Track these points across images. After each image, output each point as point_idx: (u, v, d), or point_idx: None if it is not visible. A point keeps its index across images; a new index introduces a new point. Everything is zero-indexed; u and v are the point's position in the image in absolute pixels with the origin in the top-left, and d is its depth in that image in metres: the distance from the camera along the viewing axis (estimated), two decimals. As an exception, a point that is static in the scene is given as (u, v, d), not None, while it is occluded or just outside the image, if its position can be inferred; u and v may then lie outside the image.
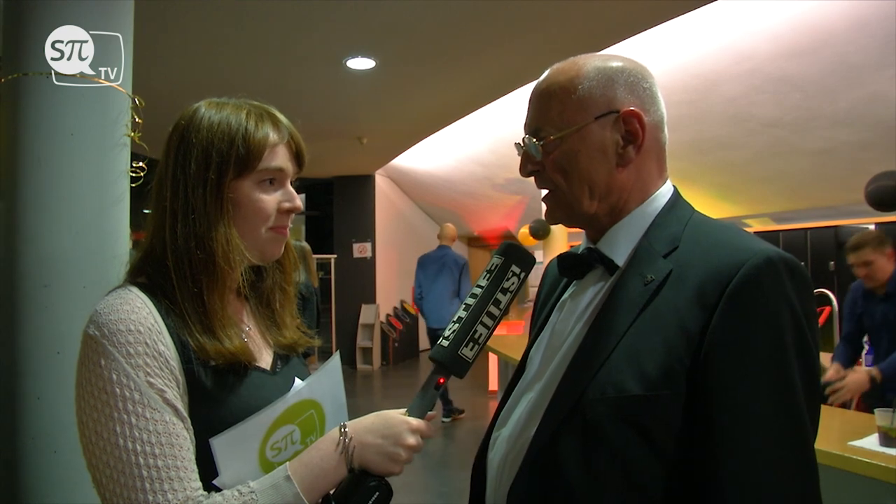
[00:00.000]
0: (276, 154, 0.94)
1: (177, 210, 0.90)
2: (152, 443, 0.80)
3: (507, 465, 0.90)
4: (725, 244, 0.82)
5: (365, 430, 0.89)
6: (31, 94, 1.87)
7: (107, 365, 0.81)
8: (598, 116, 0.88)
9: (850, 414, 2.76)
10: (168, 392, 0.83)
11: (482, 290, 0.93)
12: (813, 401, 0.77)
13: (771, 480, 0.73)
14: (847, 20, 4.25)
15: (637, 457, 0.77)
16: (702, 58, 5.02)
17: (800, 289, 0.78)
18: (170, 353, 0.85)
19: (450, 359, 0.90)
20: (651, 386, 0.77)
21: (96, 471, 0.81)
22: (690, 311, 0.78)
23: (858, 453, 2.10)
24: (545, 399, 0.87)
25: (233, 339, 0.91)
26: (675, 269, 0.83)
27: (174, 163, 0.92)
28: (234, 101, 0.97)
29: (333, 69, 5.01)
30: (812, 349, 0.77)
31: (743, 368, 0.75)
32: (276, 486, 0.83)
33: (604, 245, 0.92)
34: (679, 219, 0.90)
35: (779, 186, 6.45)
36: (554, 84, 0.91)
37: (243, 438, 0.86)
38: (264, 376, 0.96)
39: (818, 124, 5.28)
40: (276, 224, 0.96)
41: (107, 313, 0.84)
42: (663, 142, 0.94)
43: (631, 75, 0.91)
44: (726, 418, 0.74)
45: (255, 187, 0.93)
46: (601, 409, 0.79)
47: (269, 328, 1.04)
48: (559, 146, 0.90)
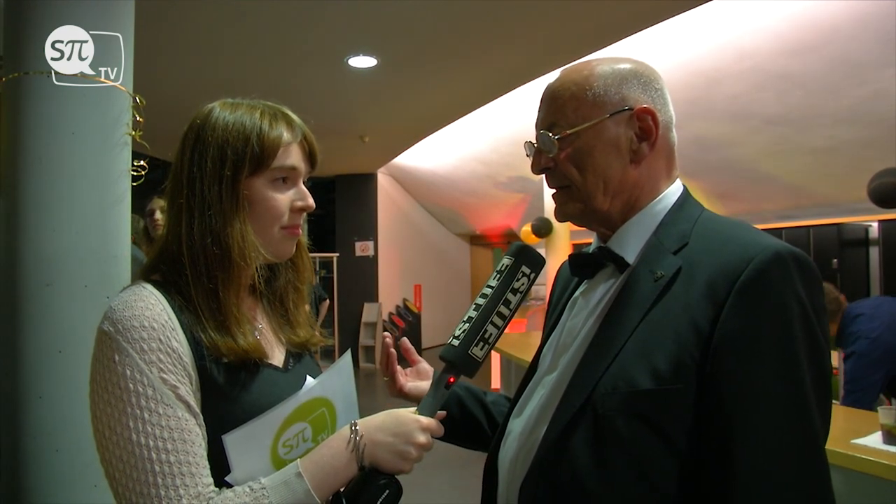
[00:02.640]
0: (290, 153, 0.96)
1: (193, 207, 0.91)
2: (165, 438, 0.81)
3: (518, 460, 0.90)
4: (734, 240, 0.83)
5: (376, 429, 0.90)
6: (32, 93, 1.88)
7: (121, 360, 0.82)
8: (612, 113, 0.90)
9: (854, 412, 2.76)
10: (181, 388, 0.83)
11: (492, 291, 0.94)
12: (823, 393, 0.78)
13: (780, 472, 0.74)
14: (850, 17, 4.23)
15: (648, 451, 0.78)
16: (704, 55, 5.01)
17: (809, 283, 0.78)
18: (183, 350, 0.85)
19: (460, 358, 0.91)
20: (662, 380, 0.78)
21: (109, 465, 0.82)
22: (700, 306, 0.79)
23: (862, 451, 2.10)
24: (557, 395, 0.88)
25: (247, 336, 0.91)
26: (685, 266, 0.83)
27: (190, 161, 0.93)
28: (247, 101, 0.98)
29: (335, 68, 5.01)
30: (821, 343, 0.78)
31: (752, 362, 0.76)
32: (287, 483, 0.83)
33: (614, 243, 0.93)
34: (688, 216, 0.90)
35: (781, 184, 6.43)
36: (569, 82, 0.93)
37: (255, 435, 0.86)
38: (276, 374, 0.96)
39: (821, 122, 5.26)
40: (289, 223, 0.97)
41: (121, 310, 0.85)
42: (673, 142, 0.95)
43: (643, 76, 0.93)
44: (736, 411, 0.75)
45: (268, 185, 0.94)
46: (612, 404, 0.80)
47: (282, 326, 1.05)
48: (574, 141, 0.91)
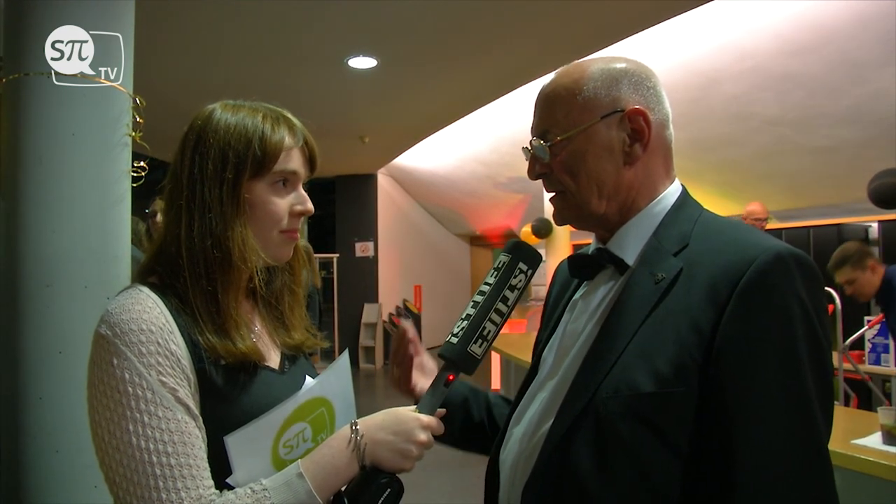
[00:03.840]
0: (291, 157, 0.95)
1: (193, 209, 0.90)
2: (165, 441, 0.80)
3: (520, 464, 0.90)
4: (735, 241, 0.83)
5: (376, 427, 0.89)
6: (32, 94, 1.87)
7: (119, 364, 0.81)
8: (603, 116, 0.89)
9: (854, 412, 2.76)
10: (180, 391, 0.83)
11: (490, 288, 0.93)
12: (825, 394, 0.77)
13: (784, 473, 0.73)
14: (850, 17, 4.23)
15: (650, 454, 0.77)
16: (703, 56, 5.01)
17: (810, 284, 0.78)
18: (181, 353, 0.85)
19: (459, 356, 0.91)
20: (663, 383, 0.77)
21: (109, 470, 0.81)
22: (701, 308, 0.78)
23: (862, 452, 2.10)
24: (558, 398, 0.87)
25: (245, 339, 0.91)
26: (686, 267, 0.83)
27: (190, 162, 0.92)
28: (249, 103, 0.97)
29: (335, 68, 5.01)
30: (822, 344, 0.78)
31: (754, 364, 0.75)
32: (288, 484, 0.83)
33: (613, 245, 0.93)
34: (688, 217, 0.90)
35: (781, 184, 6.43)
36: (559, 87, 0.93)
37: (256, 436, 0.86)
38: (273, 376, 0.96)
39: (821, 122, 5.26)
40: (288, 227, 0.96)
41: (118, 313, 0.84)
42: (669, 140, 0.94)
43: (635, 75, 0.92)
44: (738, 413, 0.75)
45: (269, 189, 0.94)
46: (614, 407, 0.79)
47: (278, 329, 1.04)
48: (566, 147, 0.90)
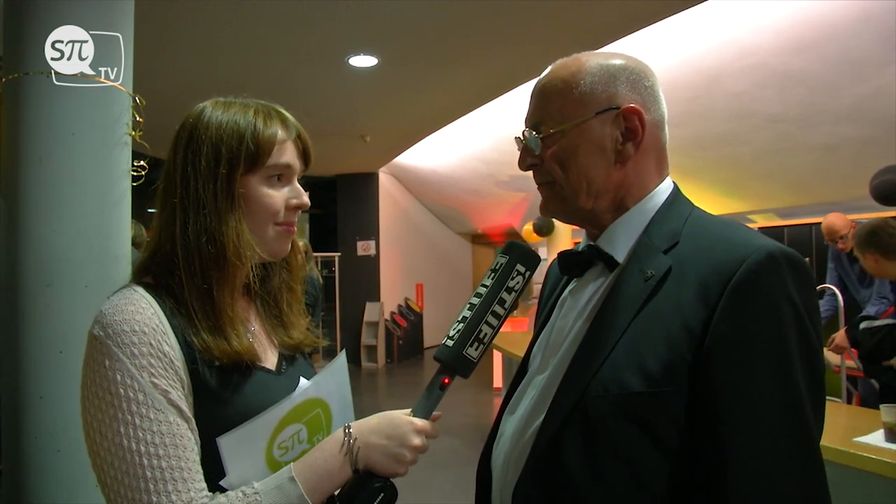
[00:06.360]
0: (285, 150, 0.95)
1: (187, 206, 0.90)
2: (156, 443, 0.80)
3: (511, 462, 0.90)
4: (726, 240, 0.82)
5: (370, 431, 0.89)
6: (32, 93, 1.88)
7: (111, 365, 0.81)
8: (598, 112, 0.88)
9: (856, 410, 2.75)
10: (172, 393, 0.83)
11: (487, 290, 0.92)
12: (817, 393, 0.77)
13: (775, 472, 0.73)
14: (851, 15, 4.23)
15: (641, 452, 0.77)
16: (704, 53, 5.00)
17: (801, 283, 0.77)
18: (175, 354, 0.84)
19: (455, 359, 0.89)
20: (653, 382, 0.77)
21: (101, 471, 0.81)
22: (692, 307, 0.78)
23: (864, 449, 2.09)
24: (548, 397, 0.87)
25: (240, 338, 0.90)
26: (675, 265, 0.82)
27: (183, 159, 0.92)
28: (240, 100, 0.97)
29: (336, 67, 5.00)
30: (814, 343, 0.77)
31: (744, 362, 0.75)
32: (280, 488, 0.82)
33: (603, 242, 0.92)
34: (678, 215, 0.89)
35: (783, 182, 6.42)
36: (556, 79, 0.92)
37: (250, 437, 0.85)
38: (269, 377, 0.95)
39: (822, 120, 5.25)
40: (284, 220, 0.96)
41: (111, 314, 0.84)
42: (663, 140, 0.93)
43: (633, 73, 0.91)
44: (728, 412, 0.75)
45: (263, 183, 0.93)
46: (604, 406, 0.79)
47: (276, 328, 1.04)
48: (559, 140, 0.90)
